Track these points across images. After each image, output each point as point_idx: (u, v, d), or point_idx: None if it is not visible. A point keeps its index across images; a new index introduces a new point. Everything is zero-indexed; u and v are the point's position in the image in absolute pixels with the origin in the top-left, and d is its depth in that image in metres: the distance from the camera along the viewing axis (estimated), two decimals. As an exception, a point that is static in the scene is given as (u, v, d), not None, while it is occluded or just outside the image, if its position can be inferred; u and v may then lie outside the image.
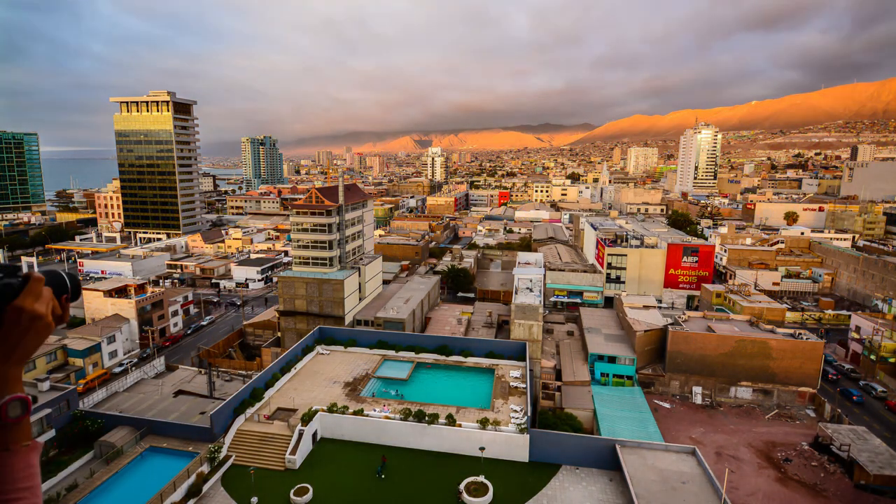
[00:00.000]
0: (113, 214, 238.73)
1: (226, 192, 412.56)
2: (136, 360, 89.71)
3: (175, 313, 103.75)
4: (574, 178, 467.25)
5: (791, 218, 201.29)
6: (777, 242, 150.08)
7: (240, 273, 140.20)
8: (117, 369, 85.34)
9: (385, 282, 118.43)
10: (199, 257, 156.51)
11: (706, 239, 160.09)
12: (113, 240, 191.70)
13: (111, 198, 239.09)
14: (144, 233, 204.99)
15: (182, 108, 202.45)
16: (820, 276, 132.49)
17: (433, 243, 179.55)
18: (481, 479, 46.25)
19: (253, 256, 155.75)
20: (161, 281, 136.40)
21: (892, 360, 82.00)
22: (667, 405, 72.53)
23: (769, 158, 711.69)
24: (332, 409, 54.49)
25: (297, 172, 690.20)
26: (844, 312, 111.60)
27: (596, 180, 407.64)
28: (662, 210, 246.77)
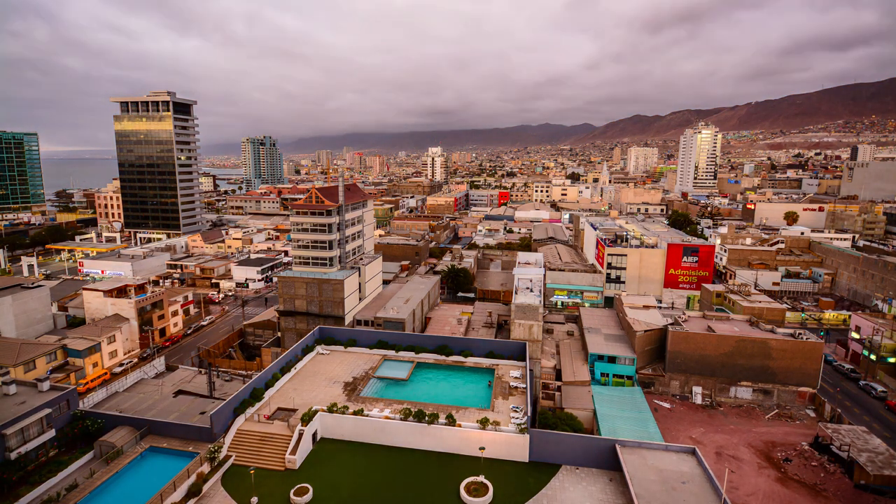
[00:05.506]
0: (113, 214, 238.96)
1: (226, 192, 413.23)
2: (135, 360, 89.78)
3: (175, 313, 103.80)
4: (574, 178, 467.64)
5: (791, 218, 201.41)
6: (777, 242, 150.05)
7: (240, 273, 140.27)
8: (117, 369, 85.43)
9: (385, 282, 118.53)
10: (199, 257, 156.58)
11: (706, 239, 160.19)
12: (113, 240, 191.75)
13: (111, 198, 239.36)
14: (144, 233, 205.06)
15: (182, 109, 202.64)
16: (820, 276, 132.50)
17: (433, 243, 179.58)
18: (481, 479, 46.24)
19: (253, 256, 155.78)
20: (161, 281, 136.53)
21: (892, 360, 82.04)
22: (667, 405, 72.54)
23: (769, 158, 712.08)
24: (332, 409, 54.46)
25: (297, 172, 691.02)
26: (844, 312, 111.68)
27: (596, 180, 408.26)
28: (662, 210, 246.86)
